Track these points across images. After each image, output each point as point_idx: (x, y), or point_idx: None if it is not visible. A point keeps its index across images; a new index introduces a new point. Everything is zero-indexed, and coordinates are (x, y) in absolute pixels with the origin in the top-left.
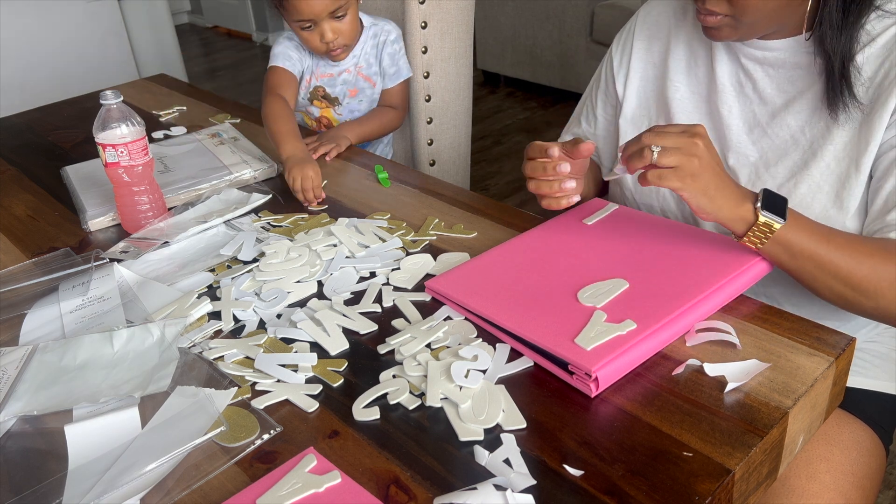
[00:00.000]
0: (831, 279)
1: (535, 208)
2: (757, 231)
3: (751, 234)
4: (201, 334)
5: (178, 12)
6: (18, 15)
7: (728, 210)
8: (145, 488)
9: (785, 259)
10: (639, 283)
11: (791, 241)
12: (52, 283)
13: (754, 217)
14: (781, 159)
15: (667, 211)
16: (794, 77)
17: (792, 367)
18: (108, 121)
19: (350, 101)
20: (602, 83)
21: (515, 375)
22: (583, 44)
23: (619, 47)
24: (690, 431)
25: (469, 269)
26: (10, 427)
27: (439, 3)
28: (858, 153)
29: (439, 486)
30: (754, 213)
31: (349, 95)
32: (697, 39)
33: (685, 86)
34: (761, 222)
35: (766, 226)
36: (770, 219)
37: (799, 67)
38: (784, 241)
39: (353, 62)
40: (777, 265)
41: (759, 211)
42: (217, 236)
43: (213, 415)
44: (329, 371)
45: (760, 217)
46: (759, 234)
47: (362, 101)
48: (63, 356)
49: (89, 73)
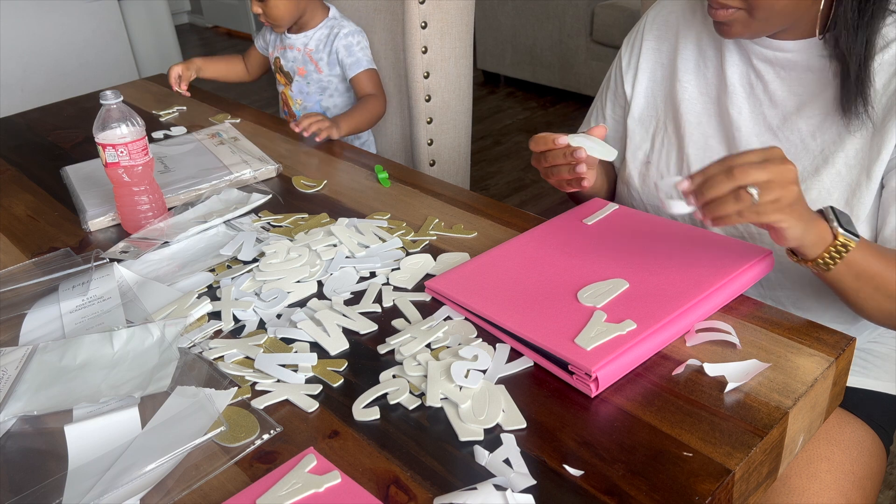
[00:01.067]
0: (884, 298)
1: (535, 208)
2: (833, 251)
3: (826, 254)
4: (201, 334)
5: (178, 12)
6: (18, 15)
7: (814, 233)
8: (145, 488)
9: (849, 280)
10: (639, 283)
11: (859, 261)
12: (52, 283)
13: (832, 236)
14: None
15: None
16: (806, 80)
17: (792, 367)
18: (108, 121)
19: (299, 80)
20: (611, 84)
21: (515, 375)
22: (583, 44)
23: (627, 48)
24: (690, 431)
25: (469, 269)
26: (10, 427)
27: (439, 3)
28: (870, 161)
29: (439, 486)
30: (832, 231)
31: (298, 74)
32: (707, 40)
33: (693, 86)
34: (840, 242)
35: (843, 245)
36: (849, 237)
37: (811, 71)
38: (853, 262)
39: (303, 42)
40: (834, 287)
41: (837, 230)
42: (217, 236)
43: (213, 415)
44: (329, 371)
45: (840, 237)
46: (836, 254)
47: (310, 84)
48: (63, 356)
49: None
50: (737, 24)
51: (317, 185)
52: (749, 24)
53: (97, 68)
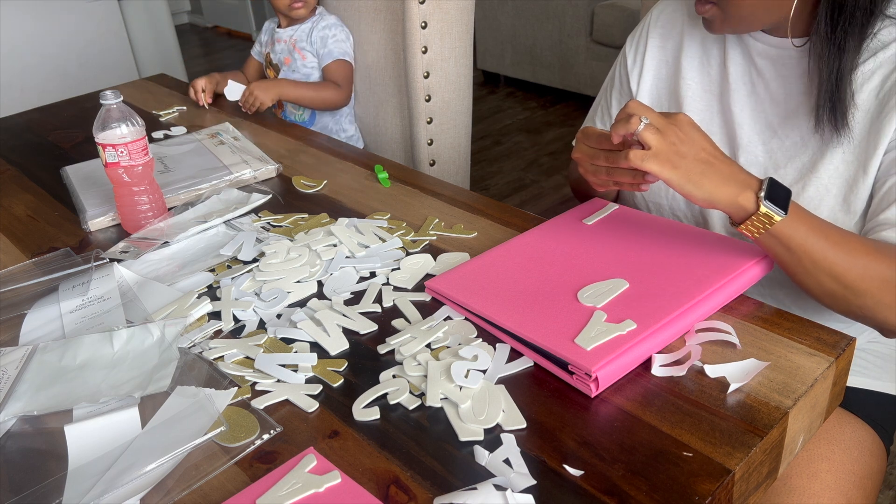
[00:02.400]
0: (824, 275)
1: (535, 208)
2: (756, 221)
3: (749, 223)
4: (201, 334)
5: (178, 12)
6: (18, 15)
7: (723, 196)
8: (145, 488)
9: (781, 252)
10: (639, 283)
11: (789, 235)
12: (52, 283)
13: (755, 206)
14: (791, 161)
15: (675, 210)
16: (807, 79)
17: (792, 367)
18: (108, 121)
19: (285, 70)
20: (616, 82)
21: (515, 375)
22: (583, 44)
23: (632, 46)
24: (690, 431)
25: (469, 269)
26: (10, 427)
27: (439, 3)
28: (867, 156)
29: (439, 486)
30: (755, 202)
31: (284, 63)
32: (711, 38)
33: (697, 83)
34: (762, 213)
35: (766, 217)
36: (771, 210)
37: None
38: (782, 235)
39: (289, 34)
40: (772, 257)
41: (760, 201)
42: (217, 236)
43: (213, 415)
44: (329, 371)
45: (761, 207)
46: (759, 224)
47: (295, 72)
48: (63, 356)
49: (89, 73)
50: (716, 20)
51: (317, 185)
52: (725, 21)
53: (97, 68)
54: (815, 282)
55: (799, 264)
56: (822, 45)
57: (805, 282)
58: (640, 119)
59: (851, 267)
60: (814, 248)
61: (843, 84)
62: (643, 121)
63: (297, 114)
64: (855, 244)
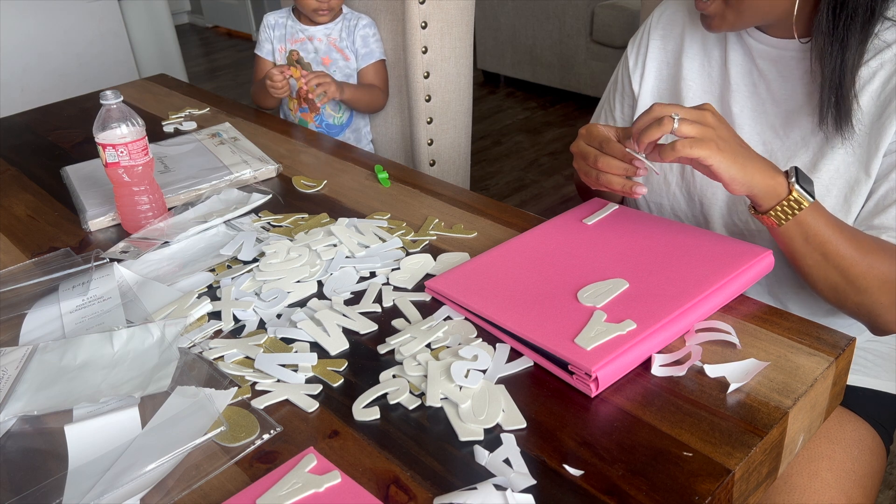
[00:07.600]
0: (832, 269)
1: (535, 208)
2: (786, 206)
3: (778, 208)
4: (201, 334)
5: (178, 12)
6: (19, 15)
7: (761, 180)
8: (145, 488)
9: (798, 241)
10: (639, 283)
11: (811, 223)
12: (52, 283)
13: (787, 191)
14: (791, 160)
15: (676, 209)
16: (807, 79)
17: (792, 367)
18: (108, 121)
19: (323, 70)
20: (618, 85)
21: (515, 375)
22: (583, 44)
23: (634, 48)
24: (690, 431)
25: (469, 269)
26: (10, 427)
27: (439, 3)
28: (868, 158)
29: (439, 486)
30: (787, 186)
31: (322, 64)
32: (712, 39)
33: (698, 84)
34: (793, 197)
35: (796, 202)
36: (803, 194)
37: (812, 70)
38: (804, 222)
39: (324, 32)
40: (786, 247)
41: (793, 185)
42: (217, 236)
43: (213, 415)
44: (329, 371)
45: (794, 192)
46: (788, 209)
47: (335, 73)
48: (63, 356)
49: (89, 73)
50: (717, 17)
51: (317, 185)
52: (727, 17)
53: (97, 68)
54: (822, 274)
55: (811, 255)
56: (825, 41)
57: (812, 274)
58: (671, 117)
59: (857, 262)
60: (829, 240)
61: (845, 81)
62: (675, 117)
63: (336, 116)
64: (864, 241)
